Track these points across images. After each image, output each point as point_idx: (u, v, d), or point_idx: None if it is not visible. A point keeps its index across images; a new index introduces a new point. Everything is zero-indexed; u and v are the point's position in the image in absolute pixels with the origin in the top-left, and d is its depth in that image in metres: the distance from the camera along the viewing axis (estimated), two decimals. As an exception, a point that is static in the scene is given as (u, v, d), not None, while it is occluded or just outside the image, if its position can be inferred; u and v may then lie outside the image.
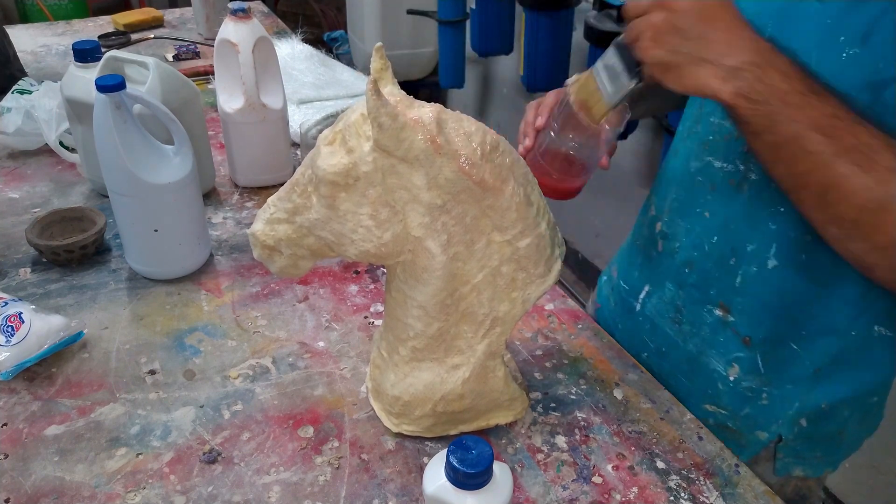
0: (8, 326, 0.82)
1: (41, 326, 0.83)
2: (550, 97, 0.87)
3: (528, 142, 0.85)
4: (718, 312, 0.84)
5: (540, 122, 0.84)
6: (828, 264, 0.73)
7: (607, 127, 0.80)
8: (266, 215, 0.71)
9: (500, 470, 0.59)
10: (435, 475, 0.58)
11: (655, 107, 1.01)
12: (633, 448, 0.77)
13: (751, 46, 0.63)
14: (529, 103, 0.89)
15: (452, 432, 0.77)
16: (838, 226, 0.63)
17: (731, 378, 0.85)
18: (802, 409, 0.83)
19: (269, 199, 0.72)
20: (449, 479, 0.57)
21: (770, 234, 0.77)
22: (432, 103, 0.66)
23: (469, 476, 0.56)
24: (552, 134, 0.82)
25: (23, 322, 0.82)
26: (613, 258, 1.05)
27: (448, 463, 0.56)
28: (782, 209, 0.75)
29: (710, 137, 0.81)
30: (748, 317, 0.81)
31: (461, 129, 0.65)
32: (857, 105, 0.63)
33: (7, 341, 0.81)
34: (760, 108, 0.62)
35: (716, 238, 0.82)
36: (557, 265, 0.73)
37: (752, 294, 0.80)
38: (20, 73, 1.49)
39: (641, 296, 0.94)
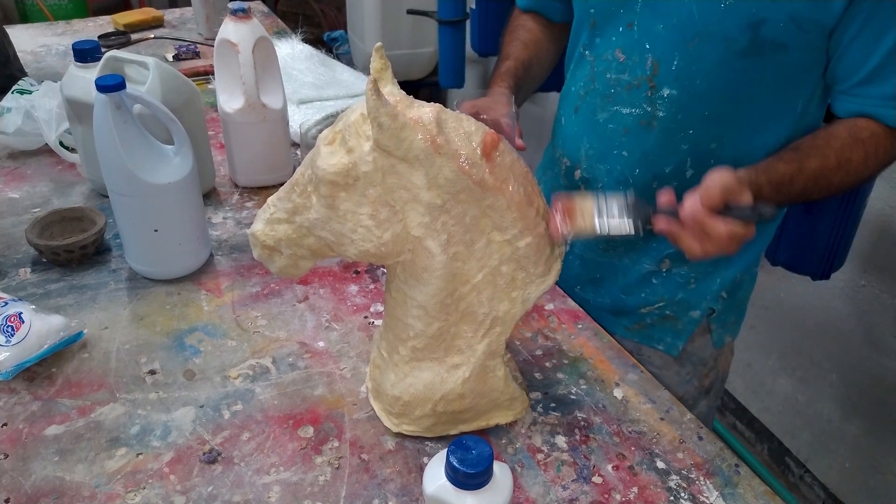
0: (8, 326, 0.82)
1: (41, 326, 0.83)
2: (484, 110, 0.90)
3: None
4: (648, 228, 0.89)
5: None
6: (731, 162, 0.82)
7: (505, 120, 0.87)
8: (266, 215, 0.71)
9: (500, 470, 0.59)
10: (435, 475, 0.58)
11: (530, 94, 1.11)
12: (633, 448, 0.77)
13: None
14: (462, 103, 0.91)
15: (452, 432, 0.77)
16: (827, 190, 0.86)
17: (664, 270, 0.97)
18: (723, 283, 0.98)
19: (269, 199, 0.71)
20: (449, 479, 0.57)
21: (683, 153, 0.91)
22: (432, 103, 0.66)
23: (469, 476, 0.56)
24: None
25: (23, 322, 0.82)
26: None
27: (448, 463, 0.56)
28: (691, 131, 0.89)
29: (612, 90, 0.93)
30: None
31: (461, 128, 0.65)
32: (739, 45, 0.81)
33: (7, 341, 0.81)
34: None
35: (637, 170, 0.94)
36: (557, 265, 0.73)
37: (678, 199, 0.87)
38: (20, 73, 1.49)
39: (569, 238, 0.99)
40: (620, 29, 0.90)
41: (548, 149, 1.13)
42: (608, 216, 0.72)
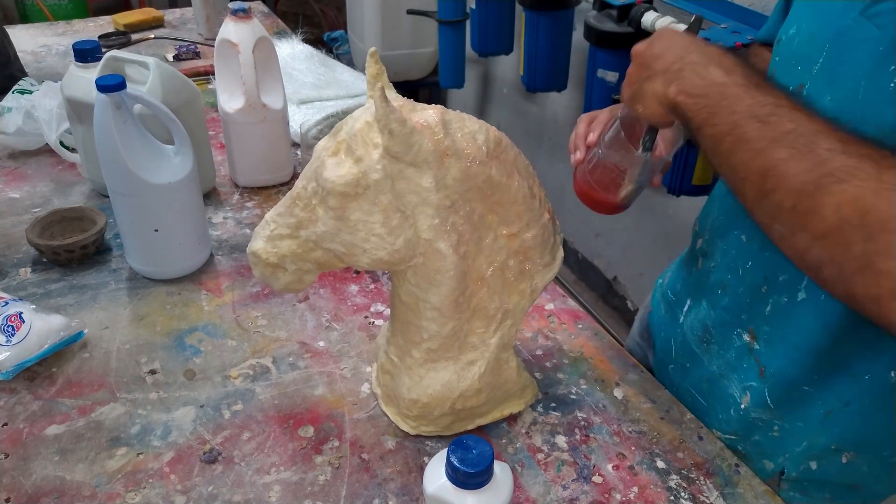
0: (8, 326, 0.82)
1: (41, 326, 0.83)
2: (604, 114, 0.88)
3: (578, 155, 0.87)
4: (746, 338, 0.81)
5: (592, 138, 0.85)
6: (840, 312, 0.71)
7: (656, 154, 0.82)
8: (266, 232, 0.70)
9: (500, 469, 0.59)
10: (435, 474, 0.59)
11: None
12: (633, 448, 0.77)
13: (694, 48, 0.66)
14: (581, 116, 0.90)
15: (470, 427, 0.77)
16: (779, 219, 0.58)
17: (743, 406, 0.82)
18: (811, 449, 0.80)
19: (267, 216, 0.70)
20: (449, 479, 0.57)
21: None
22: (433, 105, 0.66)
23: (469, 475, 0.56)
24: (600, 152, 0.84)
25: (23, 322, 0.82)
26: (672, 263, 1.03)
27: (448, 462, 0.56)
28: None
29: None
30: (772, 347, 0.79)
31: (465, 128, 0.65)
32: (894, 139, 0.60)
33: (7, 341, 0.81)
34: (700, 101, 0.63)
35: (750, 263, 0.79)
36: (560, 252, 0.74)
37: (779, 325, 0.77)
38: (20, 73, 1.49)
39: (685, 308, 0.93)
40: (791, 88, 0.73)
41: None
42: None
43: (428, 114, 0.64)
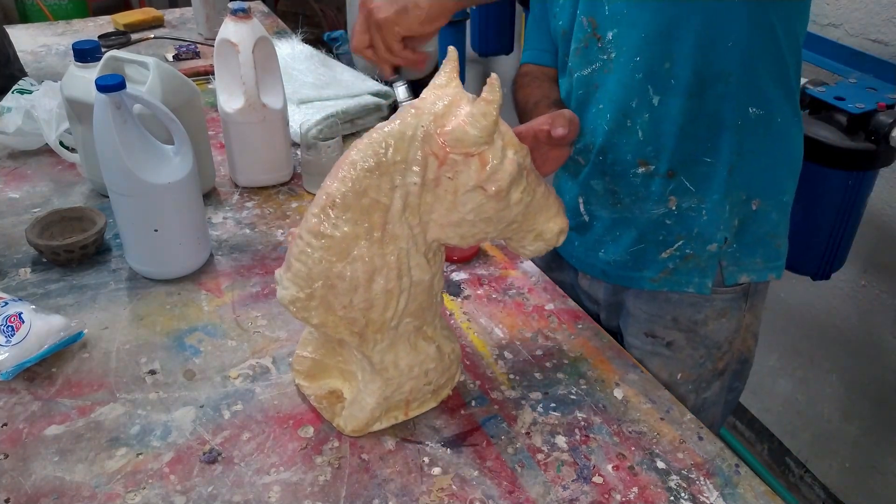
0: (8, 326, 0.82)
1: (41, 326, 0.83)
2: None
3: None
4: (641, 170, 0.96)
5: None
6: (694, 80, 0.88)
7: None
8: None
9: None
10: None
11: None
12: (633, 448, 0.77)
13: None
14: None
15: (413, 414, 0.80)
16: None
17: (674, 208, 0.97)
18: (733, 210, 0.96)
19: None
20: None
21: (640, 82, 0.91)
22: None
23: None
24: None
25: (23, 322, 0.82)
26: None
27: None
28: (638, 58, 0.89)
29: (575, 59, 0.97)
30: (664, 154, 0.94)
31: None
32: None
33: (7, 341, 0.81)
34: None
35: (608, 115, 0.95)
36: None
37: (653, 136, 0.93)
38: (20, 73, 1.49)
39: (581, 207, 1.05)
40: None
41: None
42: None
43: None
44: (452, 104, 0.68)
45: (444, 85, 0.71)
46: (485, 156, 0.68)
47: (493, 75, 0.68)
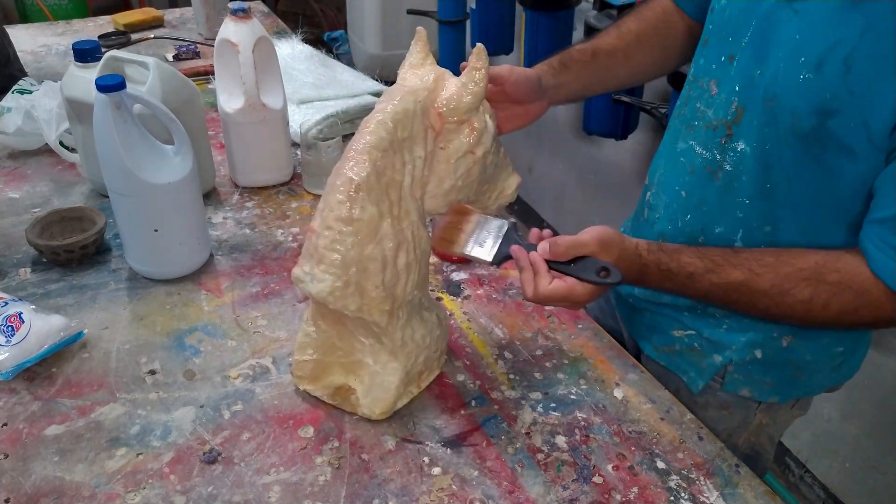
0: (8, 326, 0.82)
1: (41, 326, 0.83)
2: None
3: None
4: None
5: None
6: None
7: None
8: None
9: None
10: None
11: (599, 85, 1.02)
12: (633, 448, 0.77)
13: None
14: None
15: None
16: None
17: (698, 308, 0.91)
18: (755, 337, 0.88)
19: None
20: None
21: (737, 221, 0.84)
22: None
23: None
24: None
25: (23, 322, 0.82)
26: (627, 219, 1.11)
27: None
28: (748, 202, 0.82)
29: (695, 123, 0.87)
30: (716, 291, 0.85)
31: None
32: (804, 126, 0.73)
33: (7, 341, 0.81)
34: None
35: (689, 216, 0.88)
36: None
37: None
38: (20, 73, 1.49)
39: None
40: (722, 59, 0.82)
41: None
42: (477, 243, 0.77)
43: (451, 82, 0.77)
44: (438, 78, 0.73)
45: (421, 64, 0.75)
46: (472, 122, 0.72)
47: (479, 45, 0.72)
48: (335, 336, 0.79)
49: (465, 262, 1.05)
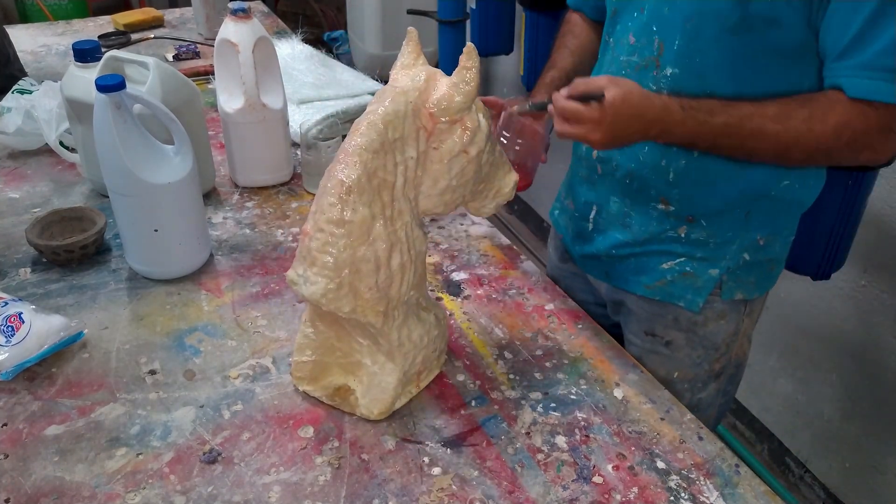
0: (8, 326, 0.82)
1: (41, 326, 0.83)
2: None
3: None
4: (661, 206, 0.98)
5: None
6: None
7: (540, 130, 1.04)
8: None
9: None
10: None
11: None
12: (633, 448, 0.77)
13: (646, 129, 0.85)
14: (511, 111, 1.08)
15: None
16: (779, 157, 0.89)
17: (682, 236, 0.99)
18: (742, 245, 0.98)
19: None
20: None
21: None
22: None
23: None
24: (502, 140, 1.03)
25: (23, 322, 0.82)
26: (558, 195, 1.19)
27: None
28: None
29: (624, 72, 0.95)
30: (686, 202, 0.96)
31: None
32: (730, 20, 0.83)
33: (7, 341, 0.81)
34: (678, 139, 0.88)
35: (646, 148, 0.96)
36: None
37: (685, 183, 0.95)
38: (20, 73, 1.49)
39: (591, 215, 1.07)
40: (635, 14, 0.94)
41: None
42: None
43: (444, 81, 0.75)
44: (429, 78, 0.73)
45: (412, 64, 0.75)
46: (465, 121, 0.72)
47: (469, 44, 0.72)
48: (333, 337, 0.79)
49: (464, 266, 1.05)
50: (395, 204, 0.71)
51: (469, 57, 0.71)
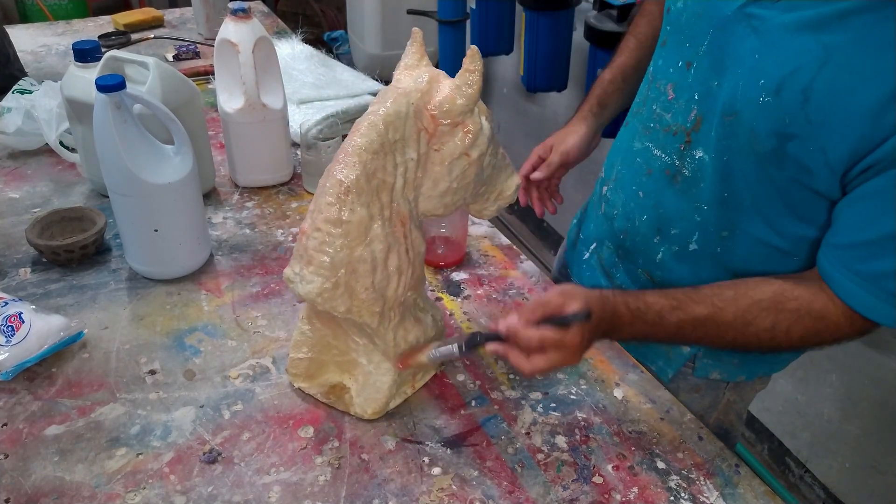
0: (8, 326, 0.82)
1: (41, 326, 0.83)
2: (555, 156, 1.05)
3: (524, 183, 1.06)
4: (645, 277, 0.94)
5: (537, 175, 1.08)
6: (738, 259, 0.84)
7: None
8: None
9: None
10: None
11: (614, 116, 1.09)
12: (633, 448, 0.77)
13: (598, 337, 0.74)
14: (536, 148, 1.08)
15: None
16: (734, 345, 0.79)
17: None
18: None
19: None
20: None
21: (694, 224, 0.85)
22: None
23: None
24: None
25: (23, 322, 0.82)
26: (585, 202, 1.16)
27: None
28: (706, 207, 0.83)
29: (651, 125, 0.88)
30: (667, 284, 0.89)
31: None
32: (764, 146, 0.74)
33: (7, 341, 0.81)
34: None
35: (645, 217, 0.90)
36: None
37: (670, 270, 0.90)
38: (20, 73, 1.49)
39: (592, 247, 1.05)
40: (680, 63, 0.82)
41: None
42: (437, 348, 0.75)
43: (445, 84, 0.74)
44: (432, 80, 0.72)
45: (416, 65, 0.74)
46: (466, 124, 0.72)
47: (473, 47, 0.71)
48: (330, 335, 0.79)
49: (456, 264, 1.05)
50: (394, 205, 0.71)
51: (473, 60, 0.71)
